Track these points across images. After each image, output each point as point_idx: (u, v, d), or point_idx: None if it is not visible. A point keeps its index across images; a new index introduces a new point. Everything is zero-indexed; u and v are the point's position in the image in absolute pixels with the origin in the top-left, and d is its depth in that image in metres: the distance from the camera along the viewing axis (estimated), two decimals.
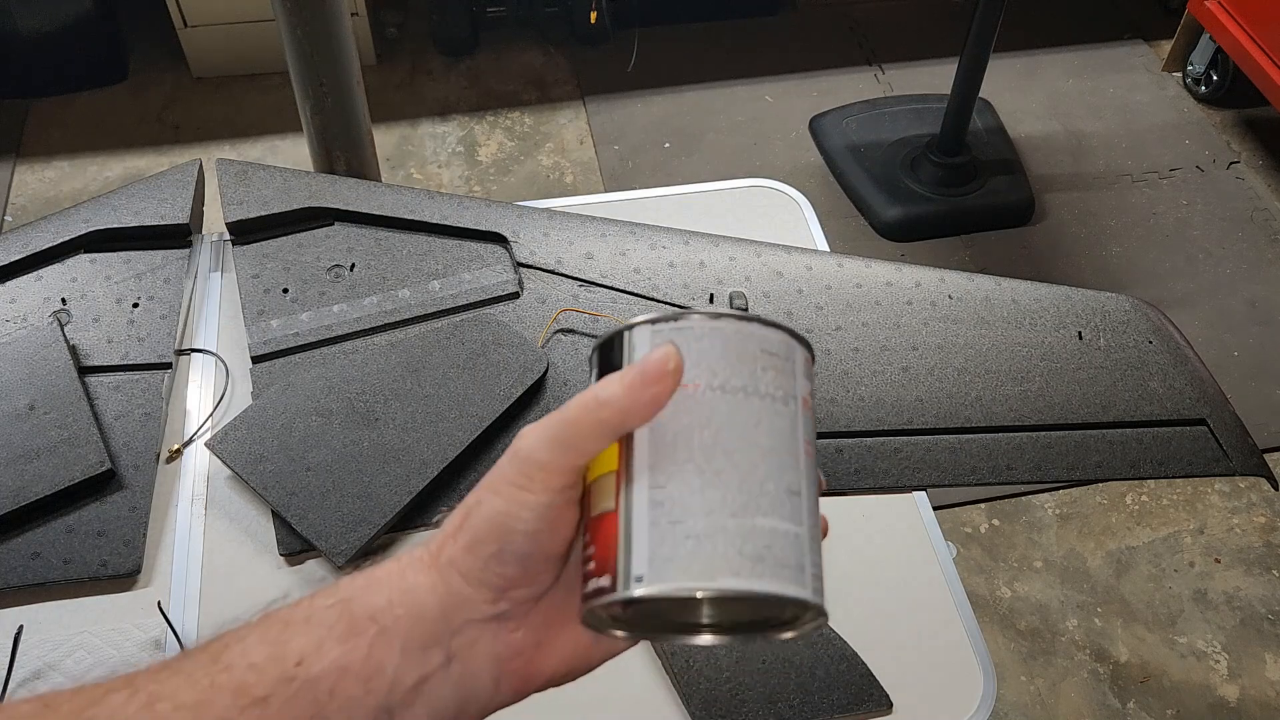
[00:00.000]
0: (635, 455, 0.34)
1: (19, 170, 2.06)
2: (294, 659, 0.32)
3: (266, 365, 0.85)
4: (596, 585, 0.33)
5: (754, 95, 2.26)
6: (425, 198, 0.96)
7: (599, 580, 0.33)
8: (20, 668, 0.70)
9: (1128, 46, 2.40)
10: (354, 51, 1.03)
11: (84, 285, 0.89)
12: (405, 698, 0.33)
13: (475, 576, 0.34)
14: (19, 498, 0.74)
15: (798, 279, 0.92)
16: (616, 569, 0.32)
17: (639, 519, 0.33)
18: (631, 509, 0.33)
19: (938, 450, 0.83)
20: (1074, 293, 0.93)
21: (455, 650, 0.34)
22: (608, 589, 0.32)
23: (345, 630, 0.33)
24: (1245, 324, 1.86)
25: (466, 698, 0.34)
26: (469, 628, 0.34)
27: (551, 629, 0.36)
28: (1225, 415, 0.87)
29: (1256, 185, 2.10)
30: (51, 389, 0.80)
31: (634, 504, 0.33)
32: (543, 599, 0.36)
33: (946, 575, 0.78)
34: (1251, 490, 1.65)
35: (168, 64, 2.25)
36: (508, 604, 0.34)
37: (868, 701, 0.70)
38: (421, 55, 2.34)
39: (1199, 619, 1.51)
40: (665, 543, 0.32)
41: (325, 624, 0.33)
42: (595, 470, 0.34)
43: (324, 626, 0.33)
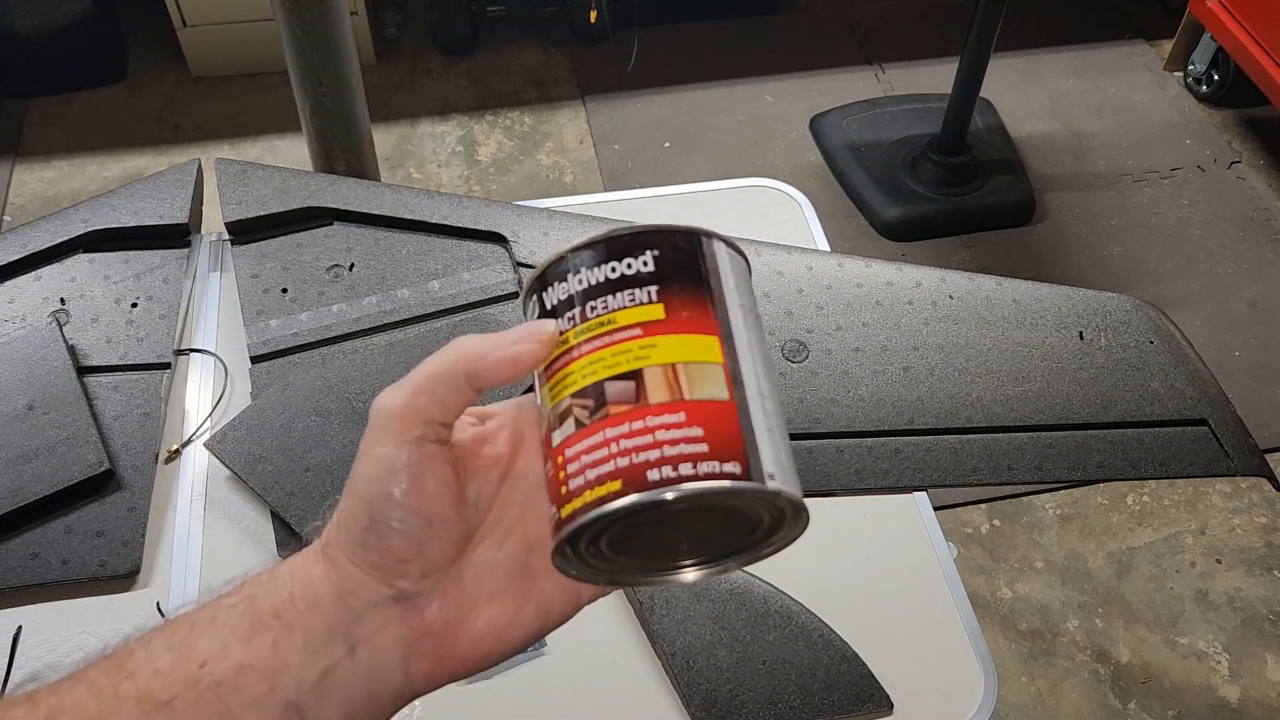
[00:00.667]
0: (740, 355, 0.34)
1: (18, 170, 2.06)
2: (198, 661, 0.32)
3: (265, 365, 0.85)
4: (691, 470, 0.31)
5: (754, 95, 2.25)
6: (425, 197, 0.95)
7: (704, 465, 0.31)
8: (19, 668, 0.70)
9: (1128, 46, 2.39)
10: (353, 51, 1.03)
11: (83, 285, 0.89)
12: (312, 692, 0.32)
13: (360, 557, 0.33)
14: (18, 498, 0.74)
15: (798, 279, 0.92)
16: (746, 459, 0.32)
17: (757, 419, 0.33)
18: (748, 407, 0.33)
19: (938, 450, 0.83)
20: (1075, 293, 0.93)
21: (359, 638, 0.33)
22: (722, 474, 0.31)
23: (249, 629, 0.33)
24: (1246, 324, 1.85)
25: (377, 686, 0.34)
26: (371, 613, 0.33)
27: (463, 608, 0.34)
28: (1226, 415, 0.87)
29: (1257, 185, 2.10)
30: (50, 389, 0.80)
31: (749, 403, 0.33)
32: (450, 575, 0.34)
33: (947, 576, 0.77)
34: (1253, 490, 1.65)
35: (167, 63, 2.25)
36: (406, 582, 0.33)
37: (868, 702, 0.70)
38: (421, 55, 2.34)
39: (1200, 619, 1.51)
40: (778, 448, 0.33)
41: (229, 624, 0.33)
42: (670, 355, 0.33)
43: (228, 627, 0.33)
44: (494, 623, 0.35)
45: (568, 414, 0.33)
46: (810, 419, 0.83)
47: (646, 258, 0.35)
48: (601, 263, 0.35)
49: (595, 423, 0.33)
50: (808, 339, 0.88)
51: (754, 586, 0.73)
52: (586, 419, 0.33)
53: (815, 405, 0.84)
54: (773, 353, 0.30)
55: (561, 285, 0.35)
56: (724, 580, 0.73)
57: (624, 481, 0.31)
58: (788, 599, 0.73)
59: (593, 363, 0.33)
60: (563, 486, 0.32)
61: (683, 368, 0.33)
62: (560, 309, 0.35)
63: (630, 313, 0.34)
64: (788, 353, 0.87)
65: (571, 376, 0.34)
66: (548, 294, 0.35)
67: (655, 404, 0.32)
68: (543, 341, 0.34)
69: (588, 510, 0.32)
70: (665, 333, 0.34)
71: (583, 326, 0.34)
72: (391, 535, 0.33)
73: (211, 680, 0.32)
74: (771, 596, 0.73)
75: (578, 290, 0.35)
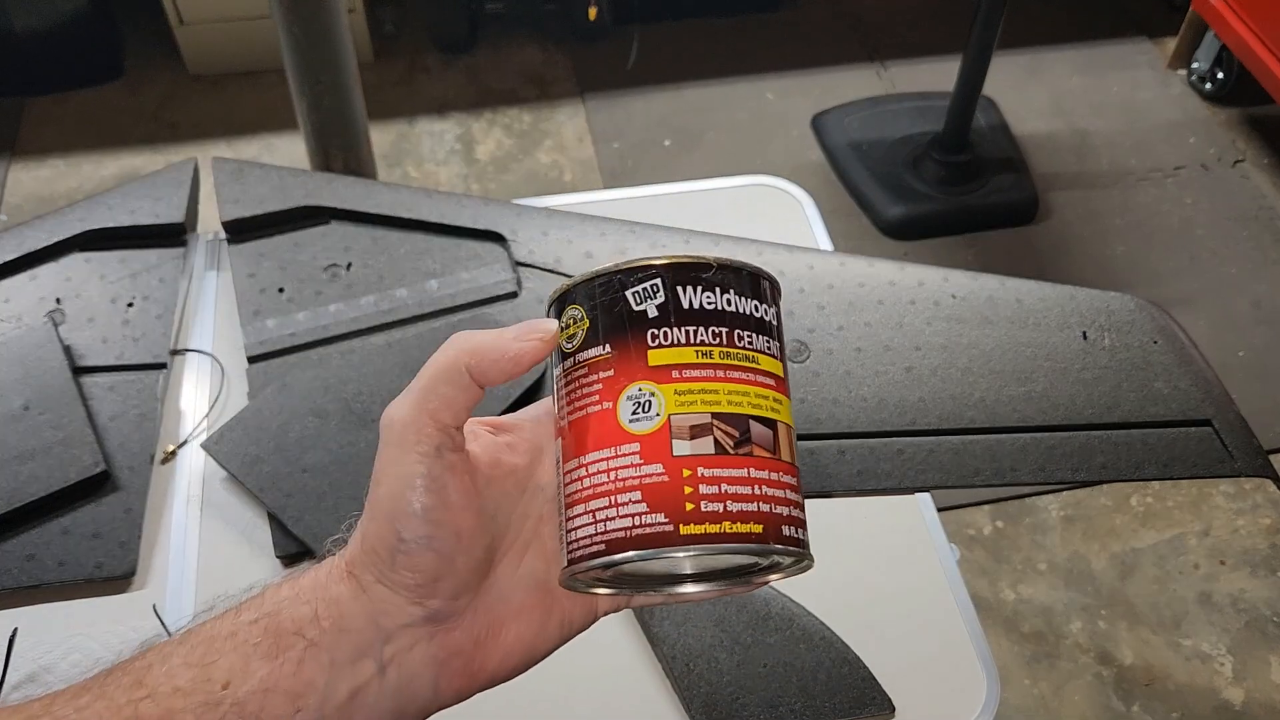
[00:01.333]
0: None
1: (14, 169, 2.05)
2: (220, 681, 0.31)
3: (262, 365, 0.84)
4: None
5: (755, 92, 2.25)
6: (423, 196, 0.95)
7: None
8: (14, 670, 0.69)
9: (1132, 44, 2.39)
10: (351, 49, 1.02)
11: (79, 285, 0.88)
12: (338, 712, 0.32)
13: (390, 578, 0.32)
14: (13, 499, 0.74)
15: (800, 278, 0.91)
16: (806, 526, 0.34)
17: None
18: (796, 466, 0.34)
19: (941, 451, 0.82)
20: (1078, 292, 0.92)
21: (389, 658, 0.33)
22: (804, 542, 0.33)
23: (271, 647, 0.32)
24: (1250, 324, 1.85)
25: (405, 703, 0.33)
26: (401, 633, 0.33)
27: (492, 625, 0.34)
28: (1230, 416, 0.87)
29: (1262, 184, 2.09)
30: (46, 389, 0.79)
31: None
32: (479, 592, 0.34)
33: (950, 578, 0.77)
34: (1257, 492, 1.64)
35: (164, 62, 2.24)
36: (438, 602, 0.33)
37: (870, 705, 0.69)
38: (419, 52, 2.33)
39: (1204, 621, 1.50)
40: None
41: (251, 641, 0.32)
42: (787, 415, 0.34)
43: (249, 644, 0.32)
44: (522, 637, 0.34)
45: (705, 431, 0.32)
46: (812, 419, 0.83)
47: (774, 310, 0.35)
48: (747, 295, 0.34)
49: (740, 456, 0.32)
50: (809, 339, 0.87)
51: None
52: (729, 448, 0.32)
53: (817, 405, 0.83)
54: None
55: (703, 291, 0.34)
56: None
57: (765, 528, 0.31)
58: (789, 601, 0.73)
59: (738, 393, 0.33)
60: (689, 503, 0.31)
61: (791, 432, 0.34)
62: (697, 317, 0.33)
63: (768, 360, 0.34)
64: (789, 353, 0.87)
65: (715, 395, 0.32)
66: (684, 291, 0.33)
67: (785, 461, 0.33)
68: (545, 340, 0.33)
69: (725, 543, 0.31)
70: (783, 393, 0.34)
71: (729, 349, 0.33)
72: (422, 553, 0.32)
73: (234, 701, 0.31)
74: (772, 599, 0.72)
75: (726, 310, 0.34)
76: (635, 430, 0.32)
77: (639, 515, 0.31)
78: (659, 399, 0.33)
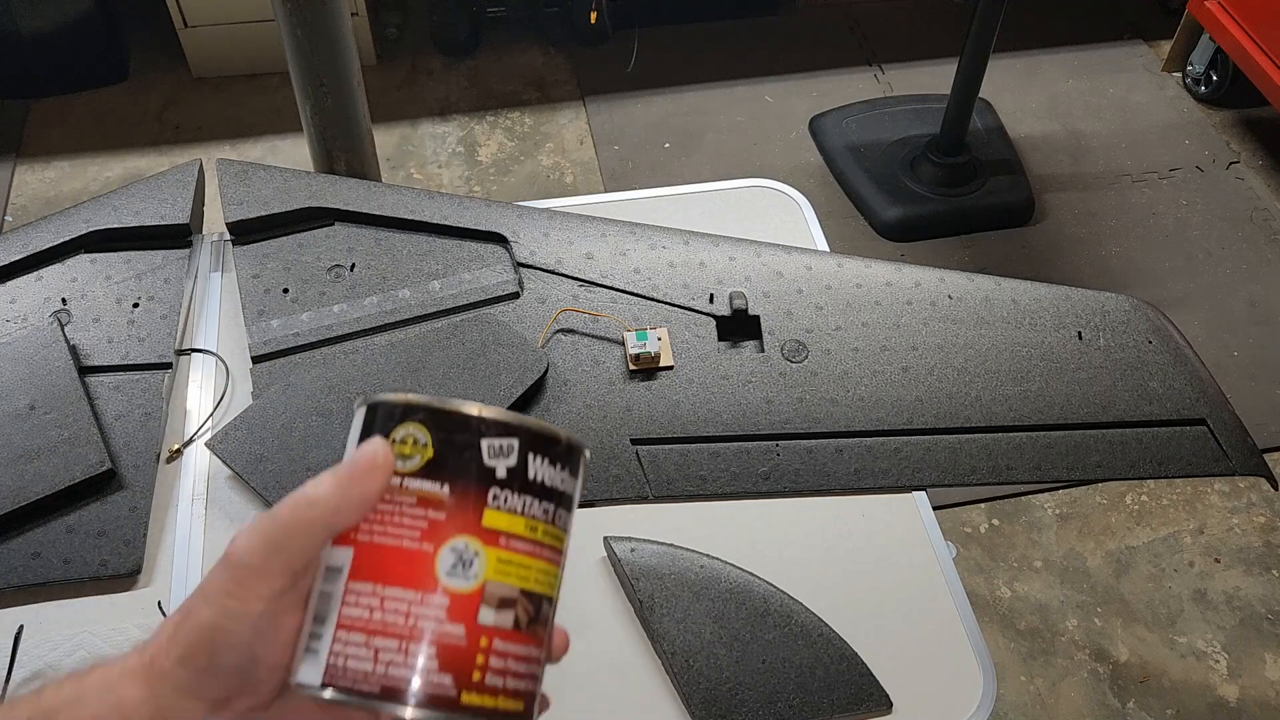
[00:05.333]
0: None
1: (19, 170, 2.06)
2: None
3: (267, 365, 0.85)
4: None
5: (754, 95, 2.26)
6: (425, 198, 0.96)
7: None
8: (20, 667, 0.70)
9: (1127, 47, 2.40)
10: (354, 52, 1.03)
11: (84, 285, 0.89)
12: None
13: (190, 690, 0.32)
14: (19, 497, 0.74)
15: (797, 279, 0.92)
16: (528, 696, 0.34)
17: None
18: None
19: (937, 450, 0.83)
20: (1073, 293, 0.93)
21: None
22: None
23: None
24: (1245, 324, 1.86)
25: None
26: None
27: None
28: (1225, 415, 0.87)
29: (1256, 185, 2.10)
30: (52, 389, 0.80)
31: None
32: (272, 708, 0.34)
33: (946, 575, 0.78)
34: (1251, 490, 1.65)
35: (168, 64, 2.25)
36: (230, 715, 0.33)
37: (867, 701, 0.70)
38: (421, 55, 2.34)
39: (1199, 619, 1.51)
40: None
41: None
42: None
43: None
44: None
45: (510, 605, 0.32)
46: (809, 419, 0.83)
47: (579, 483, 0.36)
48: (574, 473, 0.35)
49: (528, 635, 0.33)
50: (807, 339, 0.88)
51: (753, 585, 0.74)
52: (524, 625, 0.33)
53: (814, 405, 0.84)
54: None
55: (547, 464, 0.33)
56: (723, 579, 0.74)
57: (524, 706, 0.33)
58: (787, 598, 0.73)
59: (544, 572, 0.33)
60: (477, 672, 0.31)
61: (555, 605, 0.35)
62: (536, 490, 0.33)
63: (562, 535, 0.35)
64: (787, 353, 0.87)
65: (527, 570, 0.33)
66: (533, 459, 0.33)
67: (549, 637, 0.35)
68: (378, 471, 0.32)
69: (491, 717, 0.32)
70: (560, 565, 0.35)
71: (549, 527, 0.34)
72: (230, 676, 0.32)
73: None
74: (771, 595, 0.73)
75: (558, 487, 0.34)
76: (449, 585, 0.32)
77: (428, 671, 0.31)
78: (481, 560, 0.32)
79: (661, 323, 0.89)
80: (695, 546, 0.76)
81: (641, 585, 0.73)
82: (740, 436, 0.82)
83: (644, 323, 0.88)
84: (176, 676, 0.32)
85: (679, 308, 0.90)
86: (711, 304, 0.90)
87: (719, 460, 0.81)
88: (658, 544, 0.75)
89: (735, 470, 0.81)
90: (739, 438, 0.82)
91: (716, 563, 0.74)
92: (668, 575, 0.73)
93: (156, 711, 0.32)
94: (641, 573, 0.73)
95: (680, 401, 0.84)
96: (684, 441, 0.82)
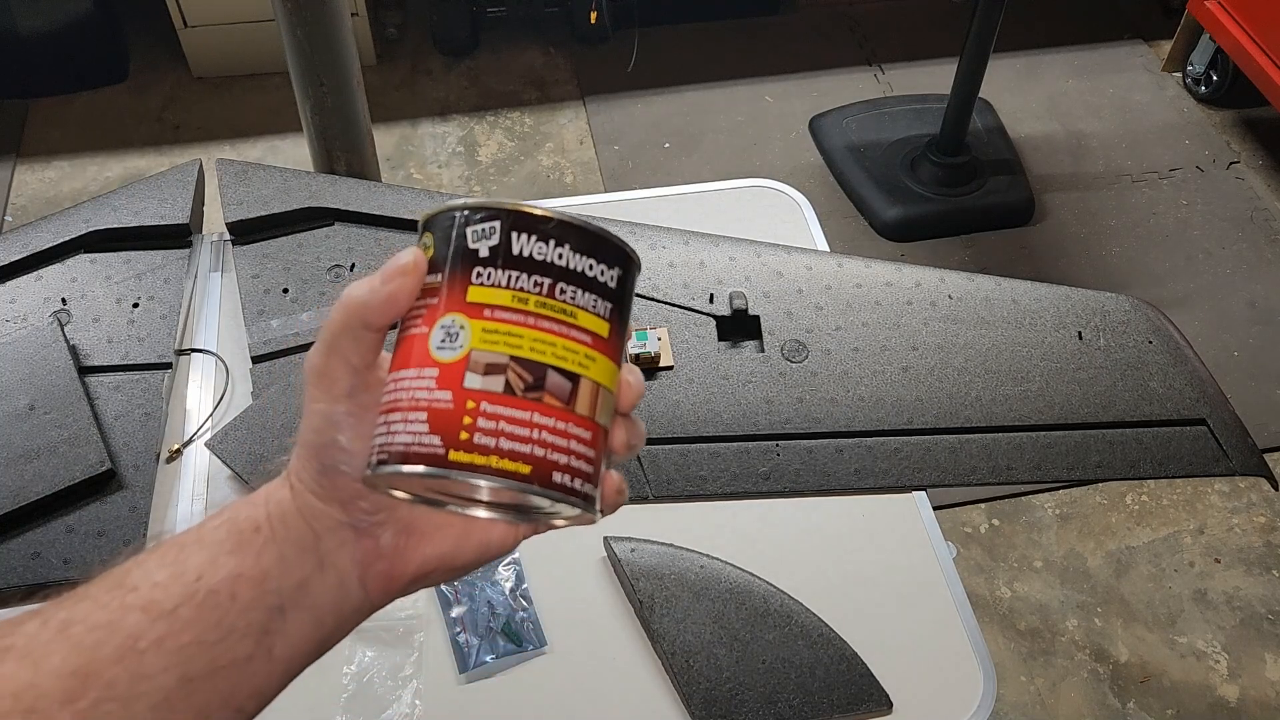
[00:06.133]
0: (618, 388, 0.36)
1: (19, 170, 2.06)
2: (193, 575, 0.35)
3: (266, 365, 0.85)
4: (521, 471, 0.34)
5: (754, 95, 2.26)
6: (425, 198, 0.96)
7: None
8: None
9: (1128, 46, 2.40)
10: (354, 51, 1.03)
11: (84, 285, 0.89)
12: (292, 597, 0.36)
13: (317, 491, 0.37)
14: (19, 498, 0.74)
15: (798, 279, 0.92)
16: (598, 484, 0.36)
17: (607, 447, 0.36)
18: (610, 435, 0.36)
19: (938, 450, 0.83)
20: (1074, 293, 0.93)
21: (324, 555, 0.37)
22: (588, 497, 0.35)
23: (234, 544, 0.36)
24: (1245, 324, 1.86)
25: (341, 599, 0.37)
26: (330, 535, 0.37)
27: (412, 537, 0.38)
28: (1225, 415, 0.87)
29: (1256, 185, 2.10)
30: (52, 389, 0.80)
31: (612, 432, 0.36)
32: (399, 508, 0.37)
33: (946, 575, 0.78)
34: (1251, 490, 1.65)
35: (168, 64, 2.25)
36: (357, 513, 0.37)
37: (868, 701, 0.70)
38: (421, 55, 2.34)
39: (1199, 619, 1.51)
40: None
41: (215, 541, 0.36)
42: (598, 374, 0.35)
43: (214, 543, 0.36)
44: (439, 550, 0.38)
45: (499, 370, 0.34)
46: (810, 419, 0.83)
47: (615, 273, 0.36)
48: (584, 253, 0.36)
49: (528, 401, 0.34)
50: (807, 339, 0.88)
51: (753, 586, 0.74)
52: (519, 390, 0.34)
53: (815, 405, 0.84)
54: None
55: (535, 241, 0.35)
56: (723, 580, 0.74)
57: (533, 469, 0.34)
58: (787, 598, 0.73)
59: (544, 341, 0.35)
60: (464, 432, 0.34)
61: (602, 391, 0.36)
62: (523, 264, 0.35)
63: (589, 317, 0.35)
64: (787, 353, 0.87)
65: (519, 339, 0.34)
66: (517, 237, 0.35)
67: (579, 415, 0.35)
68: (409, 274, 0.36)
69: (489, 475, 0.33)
70: (602, 351, 0.36)
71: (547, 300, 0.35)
72: (341, 477, 0.36)
73: (208, 589, 0.35)
74: (771, 595, 0.73)
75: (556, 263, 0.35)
76: (439, 357, 0.35)
77: (419, 434, 0.34)
78: (466, 332, 0.35)
79: (661, 323, 0.89)
80: (695, 547, 0.76)
81: (641, 585, 0.73)
82: (740, 437, 0.82)
83: (644, 323, 0.88)
84: (305, 479, 0.37)
85: (679, 308, 0.89)
86: (711, 304, 0.90)
87: (719, 460, 0.81)
88: (658, 544, 0.75)
89: (735, 470, 0.81)
90: (739, 438, 0.82)
91: (716, 563, 0.74)
92: (668, 575, 0.73)
93: (303, 508, 0.37)
94: (641, 573, 0.73)
95: (680, 401, 0.84)
96: (684, 441, 0.82)
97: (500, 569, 0.76)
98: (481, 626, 0.73)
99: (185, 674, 0.34)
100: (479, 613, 0.74)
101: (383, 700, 0.70)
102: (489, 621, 0.73)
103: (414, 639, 0.73)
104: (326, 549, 0.37)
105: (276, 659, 0.36)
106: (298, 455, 0.38)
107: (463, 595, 0.75)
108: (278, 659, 0.36)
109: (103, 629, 0.34)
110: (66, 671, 0.33)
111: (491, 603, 0.74)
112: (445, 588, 0.75)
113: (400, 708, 0.70)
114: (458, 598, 0.75)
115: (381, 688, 0.71)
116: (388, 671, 0.71)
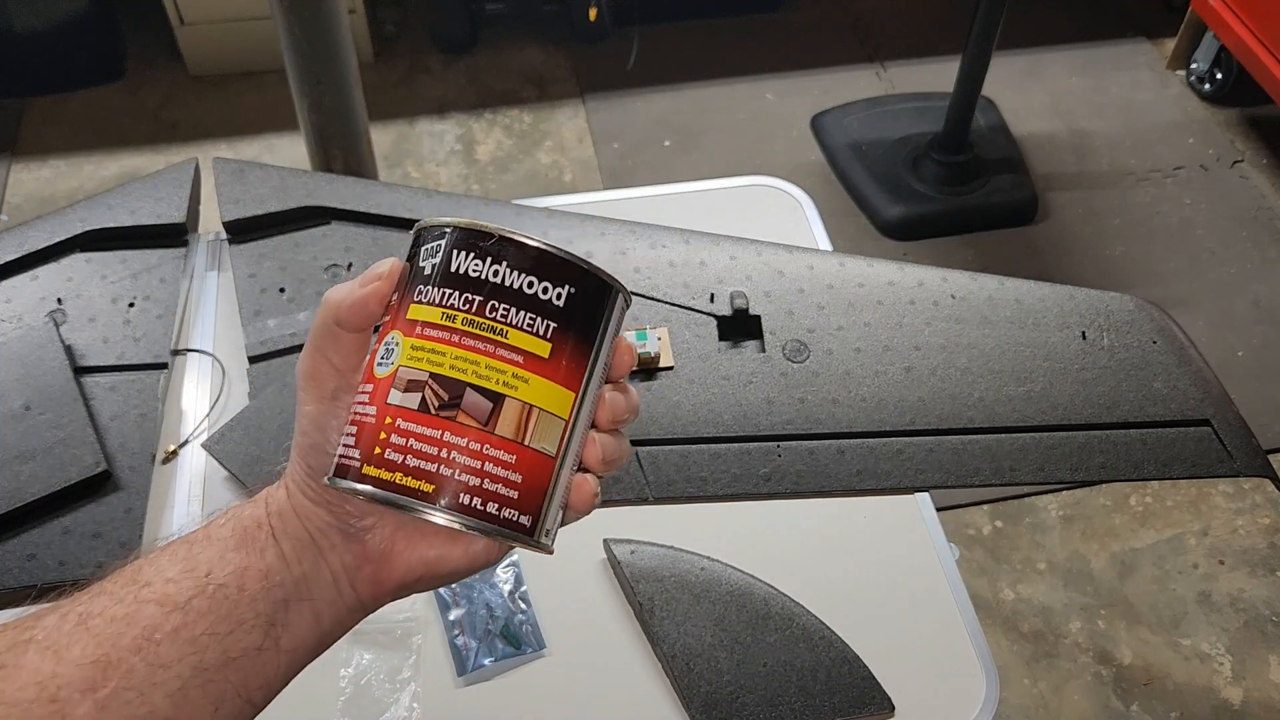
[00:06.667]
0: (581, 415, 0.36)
1: (14, 169, 2.05)
2: (204, 570, 0.37)
3: (263, 365, 0.84)
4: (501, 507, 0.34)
5: (755, 93, 2.25)
6: (423, 196, 0.95)
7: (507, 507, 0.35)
8: None
9: (1131, 45, 2.39)
10: (351, 49, 1.03)
11: (80, 285, 0.88)
12: (295, 591, 0.38)
13: (308, 493, 0.38)
14: (14, 499, 0.74)
15: (799, 278, 0.91)
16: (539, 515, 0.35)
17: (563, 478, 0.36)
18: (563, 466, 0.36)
19: (941, 451, 0.82)
20: (1077, 292, 0.93)
21: (319, 554, 0.39)
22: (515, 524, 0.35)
23: (239, 541, 0.38)
24: (1249, 324, 1.85)
25: (336, 597, 0.39)
26: (322, 537, 0.39)
27: (398, 543, 0.39)
28: (1229, 416, 0.87)
29: (1261, 184, 2.09)
30: (47, 389, 0.79)
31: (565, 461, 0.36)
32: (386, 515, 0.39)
33: (949, 577, 0.77)
34: (1256, 492, 1.64)
35: (164, 62, 2.24)
36: (345, 519, 0.38)
37: (870, 704, 0.69)
38: (419, 53, 2.33)
39: (1203, 621, 1.50)
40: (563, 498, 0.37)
41: (222, 538, 0.38)
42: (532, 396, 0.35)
43: (220, 541, 0.38)
44: (424, 557, 0.39)
45: (418, 387, 0.34)
46: (811, 419, 0.83)
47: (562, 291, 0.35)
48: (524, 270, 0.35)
49: (441, 419, 0.34)
50: (809, 339, 0.88)
51: (754, 588, 0.73)
52: (433, 408, 0.34)
53: (816, 405, 0.84)
54: None
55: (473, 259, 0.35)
56: (724, 582, 0.73)
57: (437, 489, 0.34)
58: (788, 600, 0.73)
59: (466, 359, 0.34)
60: (378, 447, 0.34)
61: (536, 413, 0.35)
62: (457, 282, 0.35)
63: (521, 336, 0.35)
64: (789, 353, 0.87)
65: (441, 356, 0.34)
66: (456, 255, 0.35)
67: (498, 436, 0.34)
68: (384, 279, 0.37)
69: (391, 491, 0.34)
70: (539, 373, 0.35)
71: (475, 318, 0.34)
72: None
73: (217, 583, 0.37)
74: (772, 598, 0.73)
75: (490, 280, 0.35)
76: (376, 373, 0.36)
77: (348, 447, 0.36)
78: (399, 349, 0.35)
79: (661, 322, 0.88)
80: (696, 548, 0.75)
81: (642, 588, 0.72)
82: (741, 437, 0.82)
83: (644, 322, 0.88)
84: (300, 482, 0.39)
85: (679, 307, 0.89)
86: (712, 303, 0.89)
87: (720, 461, 0.81)
88: (658, 546, 0.75)
89: (736, 471, 0.80)
90: (740, 439, 0.82)
91: (717, 565, 0.74)
92: (668, 578, 0.73)
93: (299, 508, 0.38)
94: (642, 575, 0.73)
95: (680, 402, 0.83)
96: (684, 442, 0.81)
97: (499, 571, 0.75)
98: (480, 629, 0.72)
99: (200, 663, 0.36)
100: (477, 615, 0.73)
101: (380, 703, 0.70)
102: (487, 624, 0.73)
103: (412, 642, 0.72)
104: (320, 549, 0.39)
105: (283, 650, 0.38)
106: (292, 457, 0.39)
107: (461, 598, 0.74)
108: (284, 650, 0.38)
109: (121, 621, 0.36)
110: (87, 661, 0.35)
111: (490, 605, 0.73)
112: (444, 590, 0.74)
113: (398, 711, 0.69)
114: (456, 600, 0.74)
115: (379, 691, 0.70)
116: (385, 674, 0.71)
